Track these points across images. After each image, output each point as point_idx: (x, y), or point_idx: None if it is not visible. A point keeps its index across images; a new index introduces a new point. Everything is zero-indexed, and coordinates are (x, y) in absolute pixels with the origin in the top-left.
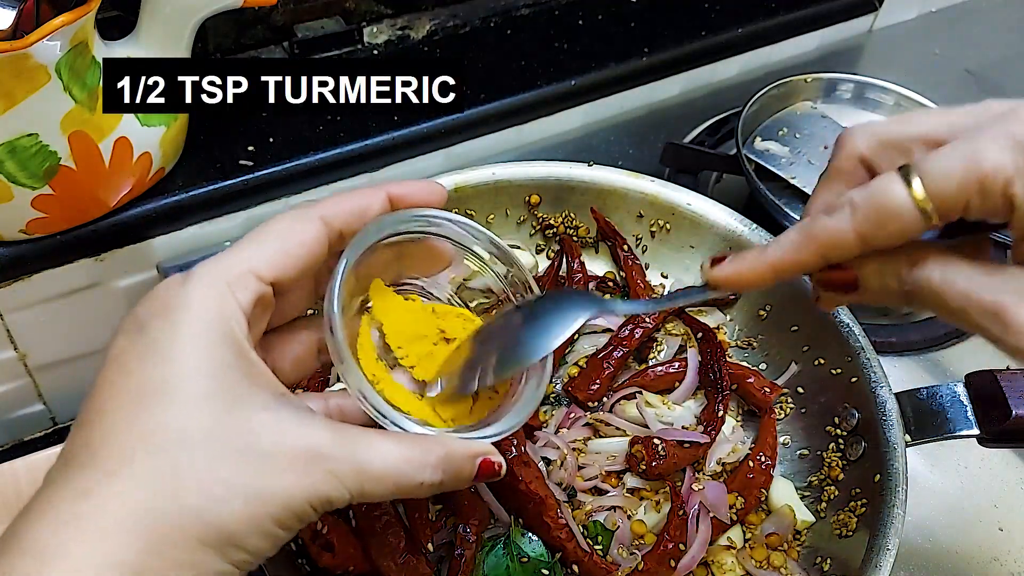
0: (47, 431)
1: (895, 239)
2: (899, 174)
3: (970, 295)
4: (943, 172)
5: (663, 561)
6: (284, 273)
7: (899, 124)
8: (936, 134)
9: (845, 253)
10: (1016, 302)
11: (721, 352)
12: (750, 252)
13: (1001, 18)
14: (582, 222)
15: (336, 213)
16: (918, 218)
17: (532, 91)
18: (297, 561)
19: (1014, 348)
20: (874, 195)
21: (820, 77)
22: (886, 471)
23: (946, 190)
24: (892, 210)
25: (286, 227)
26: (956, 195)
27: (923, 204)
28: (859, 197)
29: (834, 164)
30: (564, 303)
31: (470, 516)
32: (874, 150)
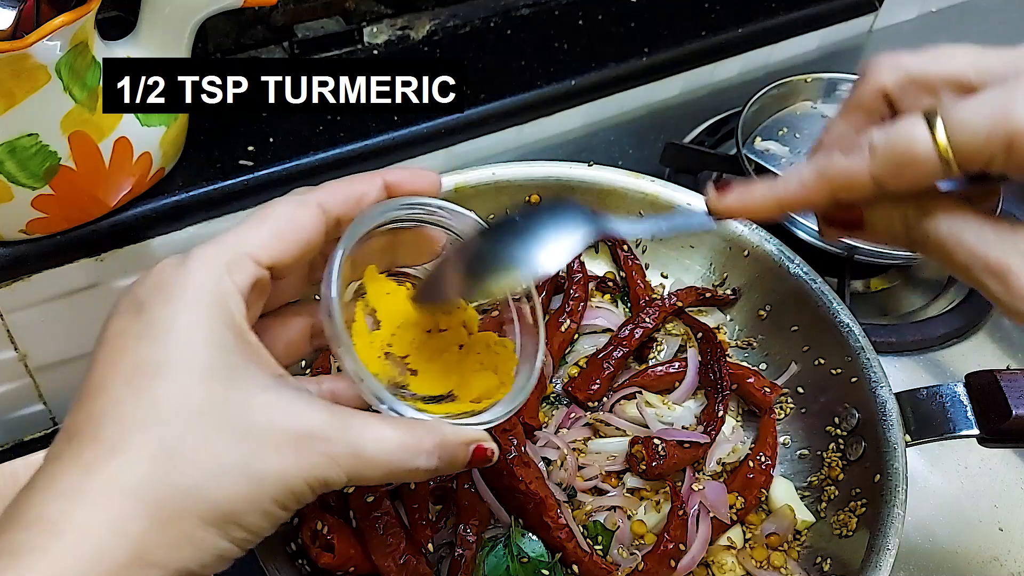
0: (47, 431)
1: (911, 185)
2: (923, 119)
3: (976, 251)
4: (971, 123)
5: (663, 561)
6: (281, 258)
7: (928, 60)
8: (966, 76)
9: (857, 195)
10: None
11: (721, 352)
12: (758, 184)
13: (1001, 18)
14: None
15: (334, 200)
16: (938, 167)
17: (532, 91)
18: (297, 561)
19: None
20: (896, 139)
21: (820, 77)
22: (886, 471)
23: (972, 142)
24: (913, 157)
25: (284, 212)
26: (981, 148)
27: (945, 153)
28: (879, 139)
29: (855, 95)
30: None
31: (470, 516)
32: (900, 84)
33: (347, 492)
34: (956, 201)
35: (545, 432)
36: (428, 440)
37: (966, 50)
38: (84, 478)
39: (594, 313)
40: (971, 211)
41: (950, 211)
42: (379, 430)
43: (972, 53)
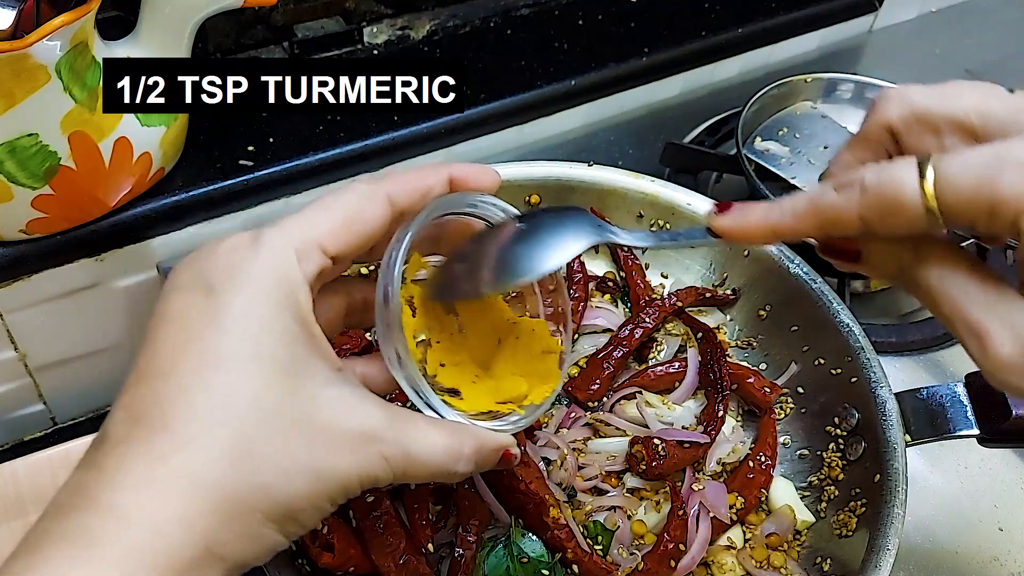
0: (47, 431)
1: (898, 231)
2: (916, 166)
3: (959, 308)
4: (957, 181)
5: (663, 561)
6: (346, 250)
7: (935, 99)
8: (968, 120)
9: (846, 232)
10: (999, 329)
11: (721, 352)
12: (756, 207)
13: (1001, 18)
14: None
15: (402, 193)
16: (924, 217)
17: (532, 91)
18: (297, 561)
19: (988, 374)
20: (884, 183)
21: (820, 77)
22: (886, 471)
23: (957, 200)
24: (900, 203)
25: (356, 205)
26: (965, 208)
27: (931, 204)
28: (870, 180)
29: (863, 128)
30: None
31: (470, 516)
32: (905, 121)
33: None
34: (950, 249)
35: (545, 432)
36: (469, 445)
37: (974, 91)
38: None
39: (594, 313)
40: (963, 263)
41: (941, 260)
42: (430, 434)
43: (978, 95)
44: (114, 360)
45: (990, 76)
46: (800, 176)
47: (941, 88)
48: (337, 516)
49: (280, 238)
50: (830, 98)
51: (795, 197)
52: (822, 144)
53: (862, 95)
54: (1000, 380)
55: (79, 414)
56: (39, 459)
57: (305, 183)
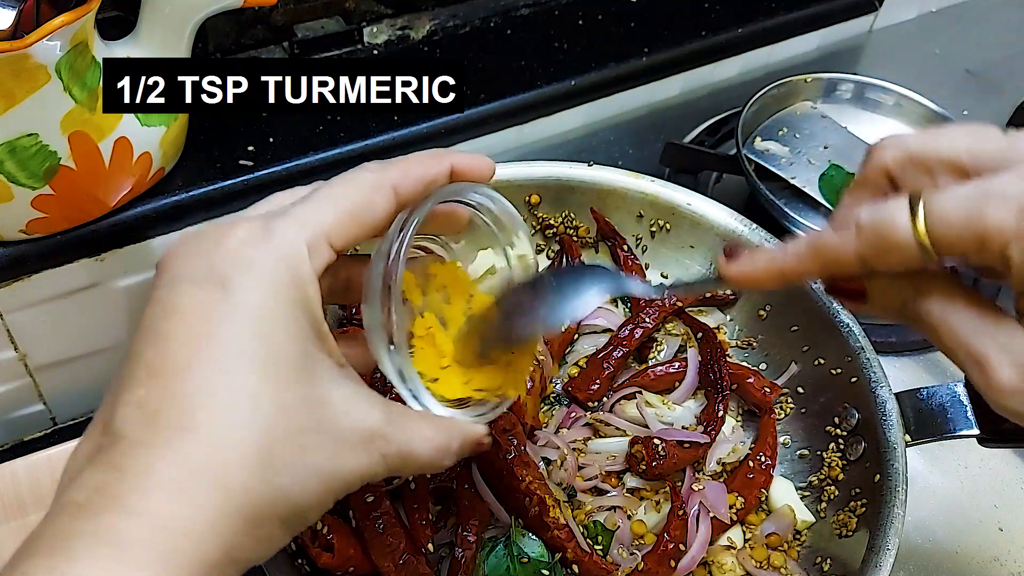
0: (47, 431)
1: (896, 267)
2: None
3: (961, 338)
4: (946, 215)
5: (663, 561)
6: (351, 243)
7: (928, 141)
8: (960, 160)
9: (847, 271)
10: (999, 358)
11: (721, 352)
12: (763, 254)
13: (1001, 18)
14: (582, 222)
15: (408, 184)
16: (917, 251)
17: (532, 91)
18: (297, 561)
19: (992, 401)
20: (878, 222)
21: (820, 77)
22: (886, 471)
23: (947, 233)
24: (893, 241)
25: (365, 197)
26: (955, 242)
27: (923, 240)
28: (865, 219)
29: (861, 174)
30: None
31: (470, 516)
32: (900, 164)
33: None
34: (949, 281)
35: (545, 432)
36: (456, 441)
37: (966, 132)
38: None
39: (594, 313)
40: (961, 294)
41: (942, 293)
42: (424, 432)
43: (970, 136)
44: (114, 360)
45: (990, 76)
46: (800, 176)
47: (935, 132)
48: (337, 516)
49: (292, 231)
50: (830, 98)
51: (796, 241)
52: (822, 144)
53: (862, 95)
54: (1002, 405)
55: (79, 414)
56: (39, 459)
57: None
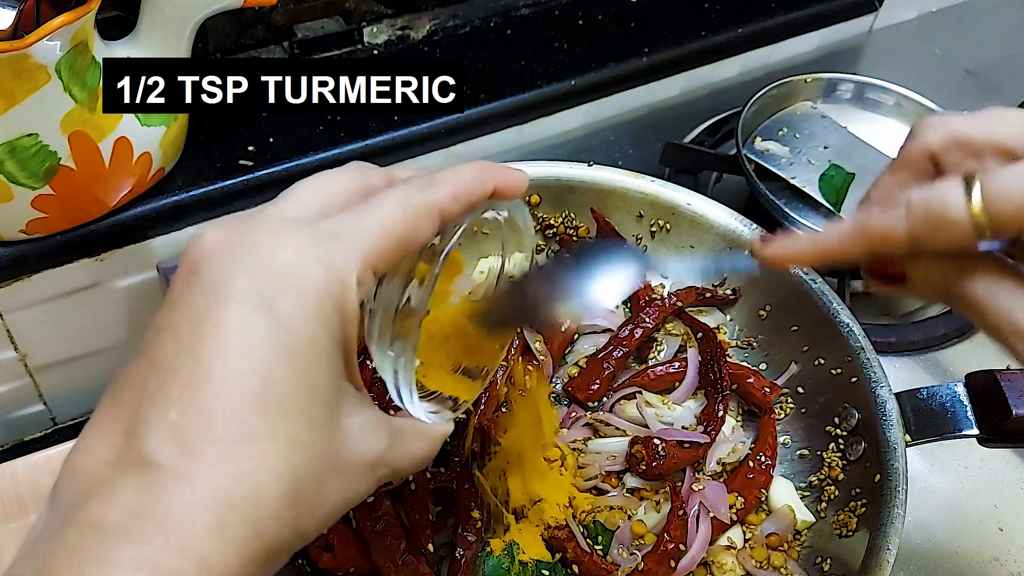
0: (47, 431)
1: (947, 245)
2: (962, 182)
3: (1010, 316)
4: (1005, 191)
5: (663, 561)
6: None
7: (976, 123)
8: (1012, 144)
9: (894, 250)
10: None
11: (721, 352)
12: (801, 236)
13: (1001, 18)
14: (582, 222)
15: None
16: (971, 230)
17: (532, 91)
18: (297, 561)
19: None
20: (932, 200)
21: (820, 77)
22: (886, 471)
23: (1004, 210)
24: (947, 218)
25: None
26: (1013, 217)
27: (979, 218)
28: (917, 198)
29: (902, 154)
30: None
31: (470, 517)
32: (946, 146)
33: None
34: (996, 262)
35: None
36: (435, 449)
37: (1016, 116)
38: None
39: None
40: (1009, 274)
41: (988, 272)
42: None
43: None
44: (114, 360)
45: (990, 76)
46: (800, 176)
47: (982, 114)
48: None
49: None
50: (830, 98)
51: (839, 223)
52: (822, 144)
53: (862, 95)
54: None
55: (79, 414)
56: (39, 459)
57: None
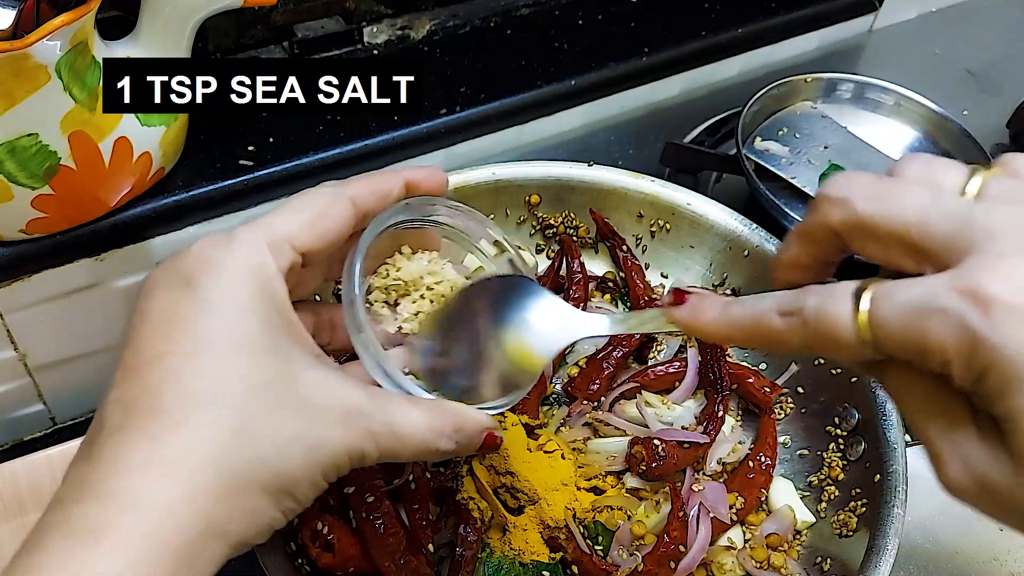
0: (47, 431)
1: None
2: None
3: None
4: (888, 324)
5: (663, 562)
6: (315, 246)
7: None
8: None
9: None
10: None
11: (721, 352)
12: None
13: (1001, 18)
14: (582, 222)
15: (364, 196)
16: (861, 351)
17: (532, 91)
18: (297, 561)
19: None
20: (822, 319)
21: (820, 77)
22: (886, 471)
23: (889, 342)
24: (837, 341)
25: (322, 204)
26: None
27: (867, 340)
28: (810, 312)
29: (806, 227)
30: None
31: (470, 516)
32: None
33: (347, 492)
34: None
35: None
36: (449, 423)
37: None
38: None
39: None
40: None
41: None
42: (412, 411)
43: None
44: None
45: (990, 76)
46: (800, 176)
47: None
48: (337, 516)
49: (253, 234)
50: (830, 98)
51: (744, 309)
52: (822, 144)
53: (862, 95)
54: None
55: (79, 414)
56: (39, 459)
57: (305, 183)
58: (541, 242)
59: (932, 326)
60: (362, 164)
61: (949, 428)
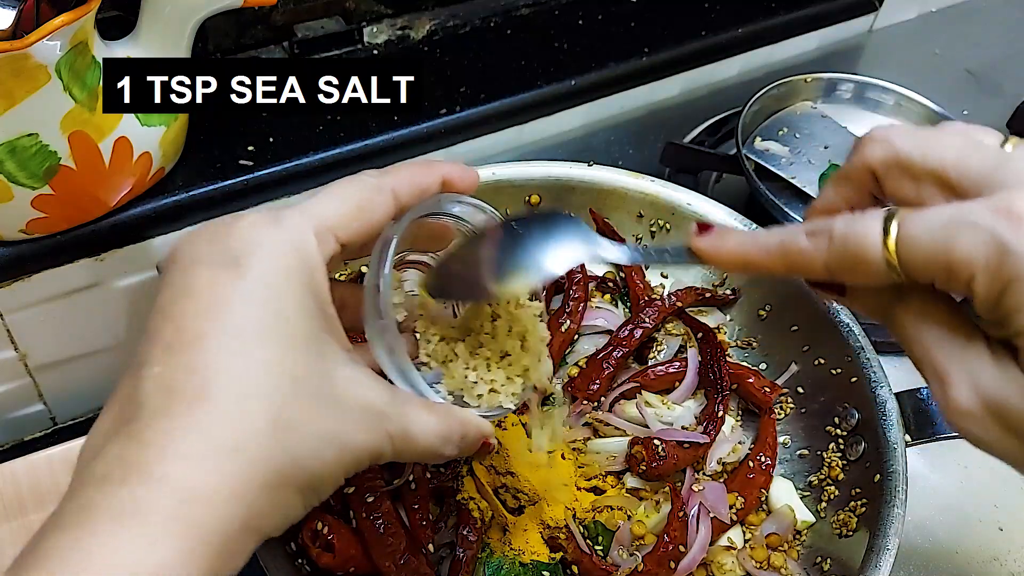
0: (47, 431)
1: (863, 281)
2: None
3: (928, 353)
4: (917, 240)
5: (663, 562)
6: (354, 237)
7: (917, 146)
8: (946, 174)
9: (814, 277)
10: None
11: (721, 352)
12: (734, 235)
13: (1001, 18)
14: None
15: (404, 189)
16: (886, 271)
17: (532, 91)
18: (297, 561)
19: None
20: (850, 237)
21: (820, 77)
22: (886, 471)
23: (915, 259)
24: (863, 259)
25: (366, 196)
26: (923, 267)
27: (892, 261)
28: (838, 231)
29: (845, 168)
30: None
31: (470, 517)
32: (886, 166)
33: (347, 492)
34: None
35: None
36: (457, 430)
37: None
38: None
39: (594, 314)
40: (940, 309)
41: (920, 304)
42: (426, 417)
43: (960, 148)
44: (114, 360)
45: (990, 76)
46: (800, 176)
47: (926, 135)
48: (337, 516)
49: (300, 219)
50: (830, 98)
51: (770, 233)
52: (822, 144)
53: (862, 95)
54: (954, 424)
55: (79, 414)
56: (39, 459)
57: (305, 183)
58: None
59: (962, 239)
60: (362, 164)
61: (963, 350)
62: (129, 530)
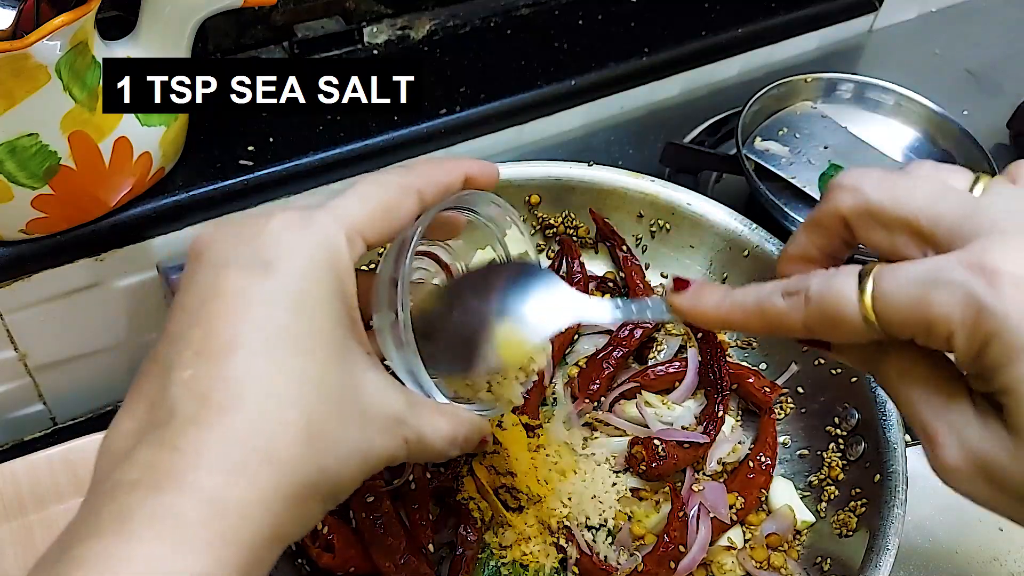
0: (47, 431)
1: (844, 339)
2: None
3: (914, 408)
4: (892, 298)
5: (663, 562)
6: (380, 239)
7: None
8: (919, 224)
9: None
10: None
11: (721, 352)
12: (712, 292)
13: (1001, 18)
14: (582, 222)
15: (430, 190)
16: (864, 329)
17: (532, 91)
18: (297, 561)
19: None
20: (825, 296)
21: (820, 77)
22: (886, 471)
23: (892, 317)
24: (840, 317)
25: (392, 196)
26: (901, 325)
27: (870, 317)
28: (814, 291)
29: (816, 215)
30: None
31: (470, 516)
32: (857, 214)
33: None
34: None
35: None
36: (463, 432)
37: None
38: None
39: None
40: (922, 363)
41: (901, 360)
42: (438, 421)
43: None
44: (114, 360)
45: (990, 76)
46: (800, 176)
47: (895, 181)
48: (337, 516)
49: (331, 221)
50: (830, 98)
51: (746, 292)
52: (822, 144)
53: (862, 95)
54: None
55: (79, 414)
56: (39, 459)
57: (305, 183)
58: (541, 242)
59: (938, 297)
60: (362, 164)
61: (946, 408)
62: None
